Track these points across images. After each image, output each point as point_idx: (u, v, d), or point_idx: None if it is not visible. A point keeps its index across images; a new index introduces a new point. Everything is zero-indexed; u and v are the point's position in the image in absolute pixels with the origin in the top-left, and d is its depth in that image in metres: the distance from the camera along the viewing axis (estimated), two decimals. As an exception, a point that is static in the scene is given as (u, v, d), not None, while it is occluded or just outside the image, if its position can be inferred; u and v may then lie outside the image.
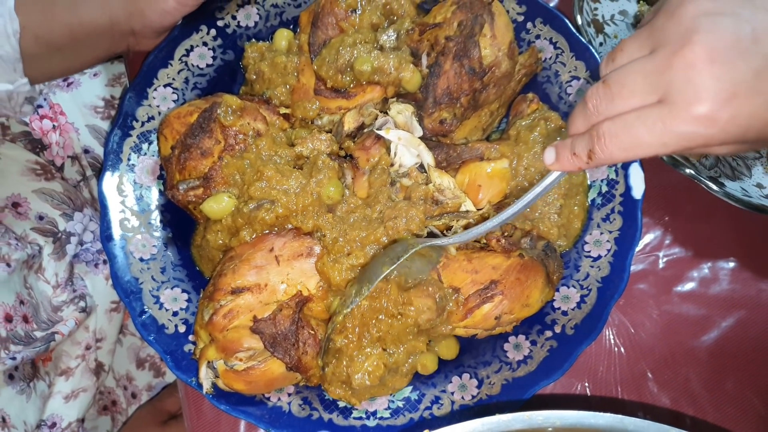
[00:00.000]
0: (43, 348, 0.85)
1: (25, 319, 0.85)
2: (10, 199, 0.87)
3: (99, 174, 0.85)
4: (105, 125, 1.01)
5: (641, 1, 0.86)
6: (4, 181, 0.91)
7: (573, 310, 0.71)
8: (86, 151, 1.00)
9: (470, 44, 0.70)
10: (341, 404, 0.70)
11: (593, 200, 0.75)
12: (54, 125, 0.99)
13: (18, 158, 0.96)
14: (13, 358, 0.80)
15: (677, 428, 0.47)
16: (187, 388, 0.70)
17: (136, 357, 1.00)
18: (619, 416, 0.47)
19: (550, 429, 0.48)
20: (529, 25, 0.79)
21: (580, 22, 0.80)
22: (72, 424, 0.91)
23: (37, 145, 0.98)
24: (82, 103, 1.01)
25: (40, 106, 0.99)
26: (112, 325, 0.97)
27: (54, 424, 0.89)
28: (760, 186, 0.78)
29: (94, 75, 1.04)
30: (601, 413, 0.46)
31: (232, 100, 0.72)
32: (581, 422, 0.47)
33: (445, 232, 0.70)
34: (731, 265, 0.80)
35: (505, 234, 0.70)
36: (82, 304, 0.91)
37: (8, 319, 0.82)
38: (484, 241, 0.69)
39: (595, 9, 0.83)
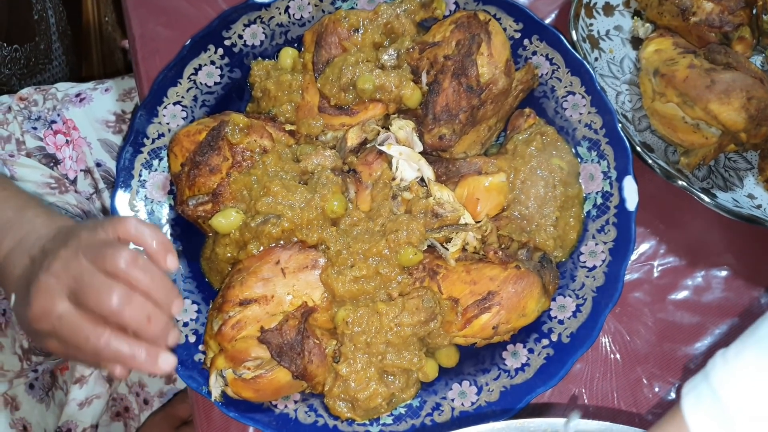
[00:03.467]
0: (62, 359, 0.88)
1: None
2: (26, 213, 0.90)
3: (111, 187, 0.88)
4: (116, 139, 1.04)
5: (635, 17, 0.88)
6: None
7: (569, 318, 0.73)
8: (98, 165, 1.03)
9: (468, 63, 0.73)
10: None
11: (588, 212, 0.77)
12: (67, 140, 1.02)
13: (33, 173, 0.99)
14: (35, 371, 0.82)
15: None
16: (198, 395, 0.73)
17: (148, 364, 1.03)
18: (607, 423, 0.49)
19: (542, 435, 0.51)
20: (526, 41, 0.81)
21: (575, 38, 0.83)
22: (86, 430, 0.93)
23: (51, 160, 1.01)
24: (94, 118, 1.04)
25: (53, 122, 1.02)
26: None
27: (69, 430, 0.92)
28: (751, 197, 0.80)
29: (106, 90, 1.07)
30: (586, 420, 0.48)
31: (239, 118, 0.75)
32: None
33: (444, 244, 0.73)
34: (724, 273, 0.82)
35: (503, 246, 0.72)
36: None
37: None
38: (483, 252, 0.72)
39: (591, 25, 0.86)
